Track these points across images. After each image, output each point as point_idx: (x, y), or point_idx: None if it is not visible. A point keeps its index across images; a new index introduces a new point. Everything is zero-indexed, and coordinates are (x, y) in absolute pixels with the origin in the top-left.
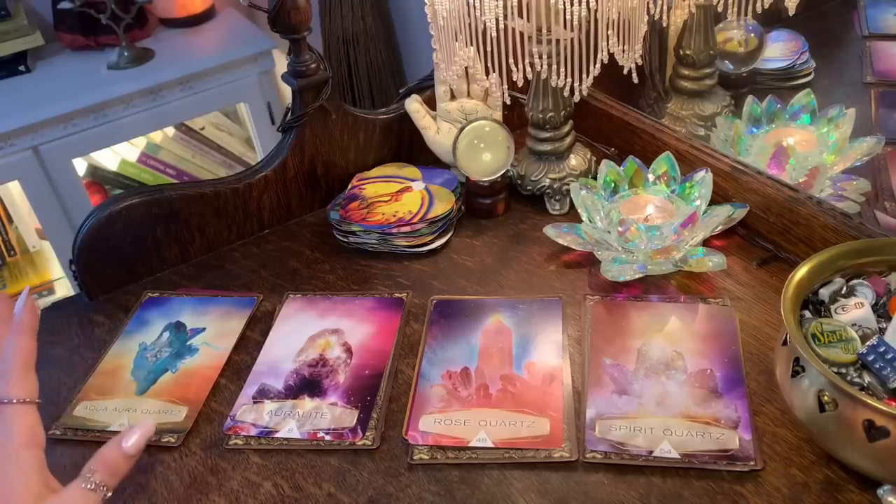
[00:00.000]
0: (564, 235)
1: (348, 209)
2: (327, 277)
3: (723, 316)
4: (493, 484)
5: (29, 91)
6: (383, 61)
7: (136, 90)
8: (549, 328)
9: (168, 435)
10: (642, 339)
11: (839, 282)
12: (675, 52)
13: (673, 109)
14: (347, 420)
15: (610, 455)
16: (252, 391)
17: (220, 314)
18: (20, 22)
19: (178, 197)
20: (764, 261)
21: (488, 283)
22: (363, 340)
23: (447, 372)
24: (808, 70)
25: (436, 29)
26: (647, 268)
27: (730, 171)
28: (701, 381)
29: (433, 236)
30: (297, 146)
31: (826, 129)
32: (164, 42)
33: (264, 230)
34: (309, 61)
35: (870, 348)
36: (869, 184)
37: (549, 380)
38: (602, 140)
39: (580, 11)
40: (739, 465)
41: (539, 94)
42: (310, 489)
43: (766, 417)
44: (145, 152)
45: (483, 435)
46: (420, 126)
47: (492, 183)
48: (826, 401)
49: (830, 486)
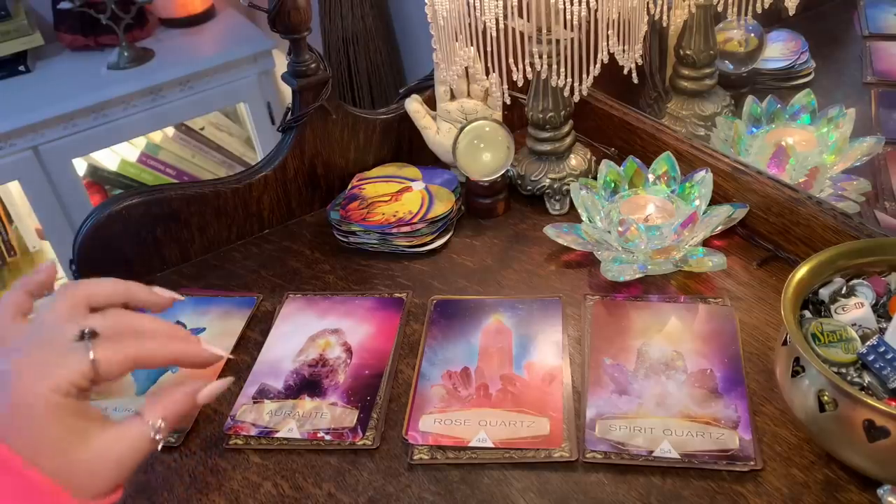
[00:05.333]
0: (564, 235)
1: (348, 209)
2: (327, 277)
3: (723, 316)
4: (493, 484)
5: (29, 91)
6: (383, 61)
7: (136, 90)
8: (549, 328)
9: (168, 435)
10: (642, 339)
11: (839, 282)
12: (675, 52)
13: (673, 109)
14: (347, 420)
15: (610, 455)
16: (252, 391)
17: (220, 314)
18: (20, 22)
19: (178, 197)
20: (764, 261)
21: (488, 283)
22: (363, 340)
23: (447, 372)
24: (808, 70)
25: (436, 29)
26: (647, 268)
27: (730, 171)
28: (701, 381)
29: (433, 236)
30: (297, 146)
31: (826, 129)
32: (164, 42)
33: (264, 230)
34: (309, 61)
35: (870, 348)
36: (869, 184)
37: (549, 380)
38: (602, 140)
39: (580, 11)
40: (739, 465)
41: (539, 94)
42: (310, 489)
43: (766, 417)
44: (145, 152)
45: (483, 435)
46: (420, 126)
47: (492, 183)
48: (826, 401)
49: (830, 486)
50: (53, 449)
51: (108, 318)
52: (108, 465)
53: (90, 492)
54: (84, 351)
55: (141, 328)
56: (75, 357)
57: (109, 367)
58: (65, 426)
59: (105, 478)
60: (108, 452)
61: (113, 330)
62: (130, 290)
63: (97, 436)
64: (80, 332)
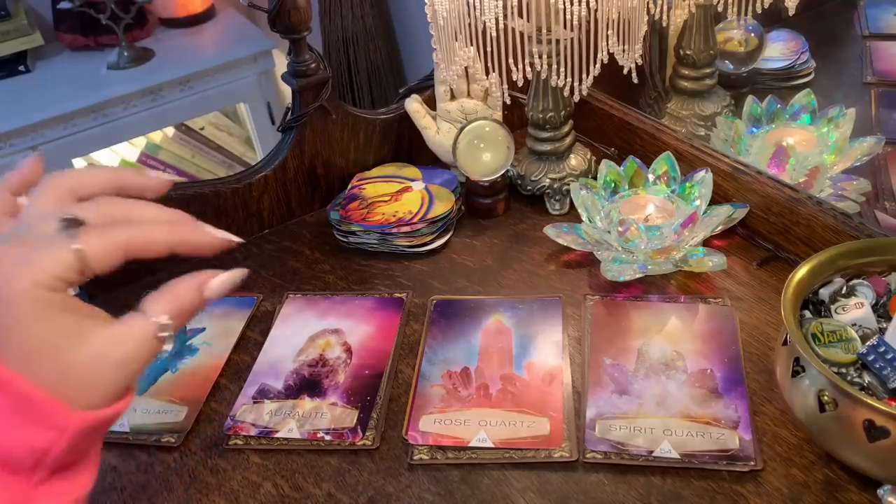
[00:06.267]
0: (564, 235)
1: (348, 209)
2: (327, 277)
3: (723, 316)
4: (493, 484)
5: (29, 91)
6: (383, 61)
7: (136, 90)
8: (549, 328)
9: (168, 435)
10: (642, 339)
11: (839, 282)
12: (675, 52)
13: (673, 109)
14: (347, 420)
15: (610, 455)
16: (252, 391)
17: (219, 314)
18: (20, 22)
19: (178, 197)
20: (764, 261)
21: (488, 283)
22: (363, 340)
23: (447, 372)
24: (808, 70)
25: (436, 29)
26: (647, 268)
27: (730, 171)
28: (701, 381)
29: (433, 236)
30: (297, 146)
31: (826, 129)
32: (164, 42)
33: (264, 230)
34: (309, 61)
35: (870, 348)
36: (869, 184)
37: (549, 380)
38: (602, 140)
39: (580, 11)
40: (739, 465)
41: (539, 94)
42: (310, 489)
43: (766, 417)
44: (145, 152)
45: (483, 435)
46: (420, 126)
47: (492, 183)
48: (826, 401)
49: (830, 486)
50: (43, 351)
51: (95, 205)
52: (109, 369)
53: (91, 400)
54: (67, 240)
55: (133, 214)
56: (57, 247)
57: (97, 255)
58: (54, 325)
59: (106, 383)
60: (108, 353)
61: (101, 217)
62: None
63: (94, 335)
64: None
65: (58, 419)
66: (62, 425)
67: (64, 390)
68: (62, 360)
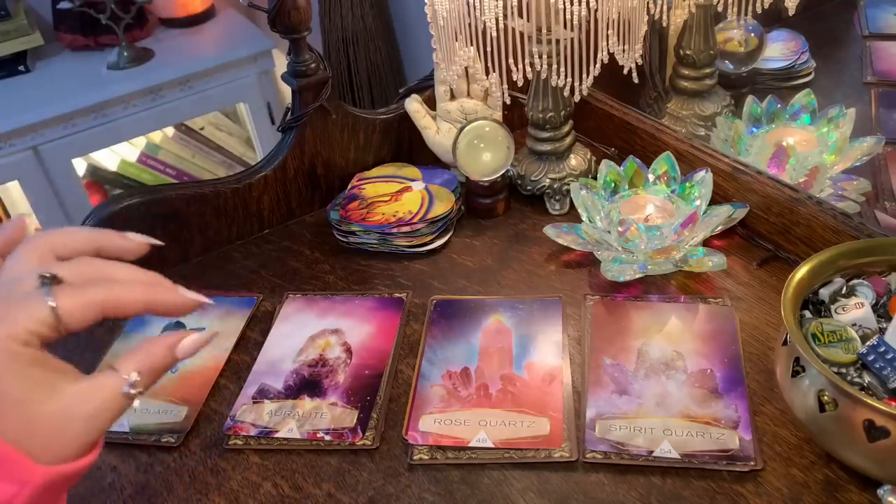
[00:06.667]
0: (564, 235)
1: (348, 209)
2: (327, 277)
3: (723, 316)
4: (493, 484)
5: (29, 91)
6: (383, 61)
7: (136, 90)
8: (549, 328)
9: (168, 435)
10: (642, 339)
11: (839, 282)
12: (675, 52)
13: (673, 109)
14: (347, 420)
15: (610, 455)
16: (252, 391)
17: (220, 314)
18: (20, 22)
19: (178, 197)
20: (764, 261)
21: (488, 283)
22: (363, 340)
23: (447, 372)
24: (808, 70)
25: (436, 29)
26: (647, 268)
27: (730, 171)
28: (701, 381)
29: (433, 236)
30: (297, 146)
31: (826, 129)
32: (164, 42)
33: (264, 230)
34: (309, 61)
35: (870, 348)
36: (869, 184)
37: (549, 380)
38: (602, 140)
39: (580, 11)
40: (739, 465)
41: (539, 94)
42: (310, 489)
43: (766, 417)
44: (145, 152)
45: (483, 435)
46: (420, 126)
47: (492, 183)
48: (826, 401)
49: (830, 486)
50: (10, 404)
51: (74, 265)
52: (76, 423)
53: (57, 453)
54: (44, 297)
55: (110, 274)
56: (34, 303)
57: (72, 312)
58: (25, 378)
59: (73, 436)
60: (77, 407)
61: (78, 276)
62: (100, 237)
63: (63, 389)
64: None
65: (21, 473)
66: (24, 479)
67: (29, 444)
68: (29, 413)
